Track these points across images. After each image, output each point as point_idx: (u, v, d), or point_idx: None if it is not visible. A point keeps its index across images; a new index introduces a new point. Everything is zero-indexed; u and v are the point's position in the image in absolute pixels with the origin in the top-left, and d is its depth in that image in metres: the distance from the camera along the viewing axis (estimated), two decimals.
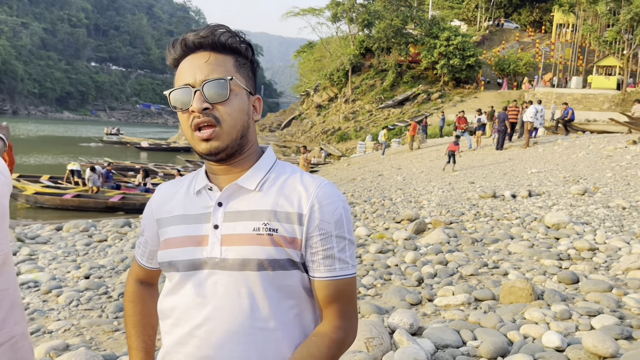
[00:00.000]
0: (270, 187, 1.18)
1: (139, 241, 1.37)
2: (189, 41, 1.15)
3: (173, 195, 1.27)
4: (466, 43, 43.26)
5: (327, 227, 1.15)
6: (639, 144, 14.23)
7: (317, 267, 1.16)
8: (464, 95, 43.60)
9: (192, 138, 1.14)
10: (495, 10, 58.66)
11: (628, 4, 34.32)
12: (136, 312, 1.37)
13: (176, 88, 1.15)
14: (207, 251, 1.15)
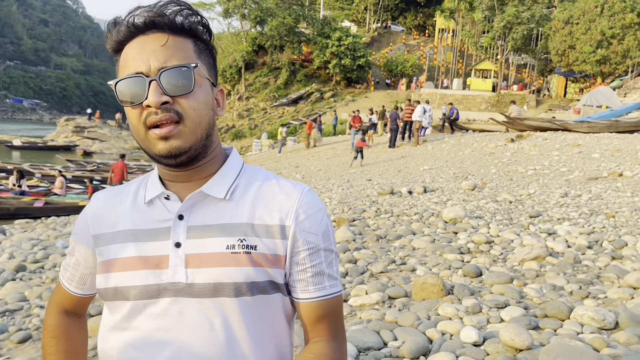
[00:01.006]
0: (243, 195, 0.99)
1: (65, 262, 1.13)
2: (139, 20, 0.92)
3: (115, 206, 1.03)
4: (357, 44, 44.58)
5: (314, 240, 0.99)
6: (516, 142, 15.45)
7: (305, 287, 0.99)
8: (355, 95, 44.91)
9: (145, 138, 0.92)
10: (383, 13, 61.11)
11: (501, 13, 37.30)
12: (60, 350, 1.10)
13: (124, 78, 0.92)
14: (167, 275, 0.94)
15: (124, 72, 0.93)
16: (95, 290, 1.11)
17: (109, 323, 1.00)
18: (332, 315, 1.02)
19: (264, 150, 32.69)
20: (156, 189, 0.99)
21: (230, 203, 0.98)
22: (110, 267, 0.98)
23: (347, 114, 36.85)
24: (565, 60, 33.03)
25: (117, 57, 0.97)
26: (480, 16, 40.90)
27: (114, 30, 0.95)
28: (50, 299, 1.17)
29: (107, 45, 0.97)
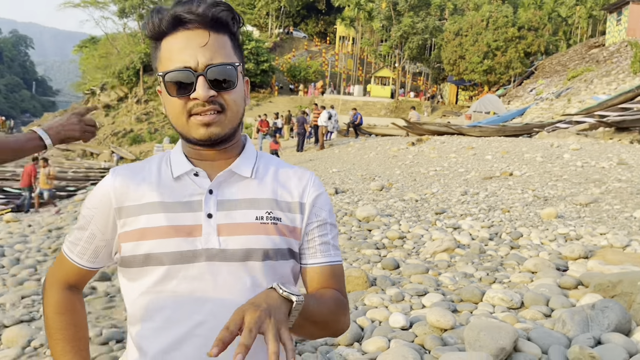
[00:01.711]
0: (264, 175, 1.13)
1: (74, 237, 1.15)
2: (184, 16, 1.01)
3: (140, 182, 1.10)
4: (260, 48, 44.61)
5: (323, 215, 1.14)
6: (417, 145, 16.36)
7: (314, 254, 1.13)
8: (259, 100, 44.91)
9: (186, 124, 1.03)
10: (285, 19, 61.66)
11: (398, 23, 39.18)
12: (69, 325, 1.15)
13: (172, 70, 1.01)
14: (201, 242, 1.04)
15: (169, 63, 1.02)
16: (103, 264, 1.17)
17: (139, 288, 1.07)
18: (337, 279, 1.15)
19: None
20: (184, 166, 1.09)
21: (253, 181, 1.11)
22: (141, 235, 1.05)
23: (252, 118, 36.83)
24: (456, 69, 35.40)
25: (156, 45, 1.05)
26: (378, 25, 42.66)
27: (157, 21, 1.02)
28: (50, 276, 1.19)
29: (147, 32, 1.05)
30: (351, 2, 44.74)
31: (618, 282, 3.92)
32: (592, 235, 6.29)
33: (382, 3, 42.40)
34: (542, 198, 8.58)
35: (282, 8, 59.24)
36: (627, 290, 3.80)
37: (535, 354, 3.11)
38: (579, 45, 35.34)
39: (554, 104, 24.70)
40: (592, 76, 26.17)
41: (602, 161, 11.00)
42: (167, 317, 1.04)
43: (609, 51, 28.70)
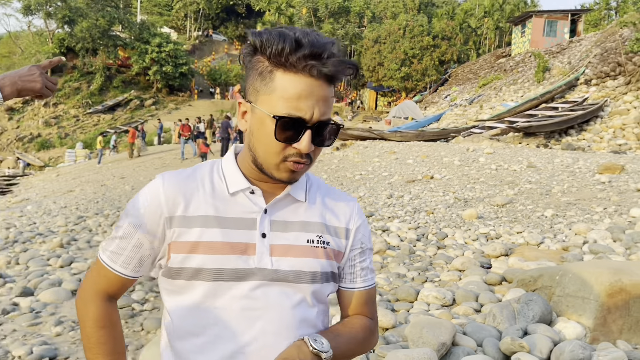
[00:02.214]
0: (314, 198, 1.16)
1: (116, 246, 1.10)
2: (320, 69, 0.97)
3: (193, 192, 1.08)
4: (178, 51, 43.53)
5: (365, 241, 1.20)
6: (341, 150, 16.68)
7: (354, 279, 1.19)
8: (178, 103, 43.80)
9: (277, 165, 1.03)
10: (204, 21, 60.56)
11: (319, 29, 39.65)
12: (109, 339, 1.12)
13: (288, 117, 0.98)
14: (254, 260, 1.06)
15: (284, 103, 0.98)
16: (146, 273, 1.14)
17: (187, 302, 1.06)
18: (371, 302, 1.22)
19: (79, 161, 30.19)
20: (241, 183, 1.09)
21: (304, 204, 1.14)
22: (194, 248, 1.04)
23: (171, 122, 35.83)
24: (375, 75, 36.43)
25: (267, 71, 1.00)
26: None
27: (287, 46, 0.97)
28: (87, 288, 1.15)
29: (267, 51, 0.99)
30: (272, 7, 44.83)
31: (538, 276, 4.25)
32: (510, 234, 6.74)
33: (303, 9, 42.83)
34: (463, 200, 9.06)
35: (200, 10, 58.16)
36: (547, 284, 4.13)
37: (471, 347, 3.32)
38: (488, 55, 37.55)
39: (468, 110, 26.09)
40: (500, 84, 27.90)
41: (514, 164, 11.78)
42: (217, 333, 1.04)
43: (515, 61, 30.72)
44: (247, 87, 1.06)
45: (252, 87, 1.04)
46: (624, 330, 3.69)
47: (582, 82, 21.04)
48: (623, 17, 23.98)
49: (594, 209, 7.65)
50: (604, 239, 6.13)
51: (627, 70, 19.80)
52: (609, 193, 8.55)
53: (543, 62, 24.64)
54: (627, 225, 6.75)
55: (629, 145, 15.76)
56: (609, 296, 3.70)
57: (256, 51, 1.03)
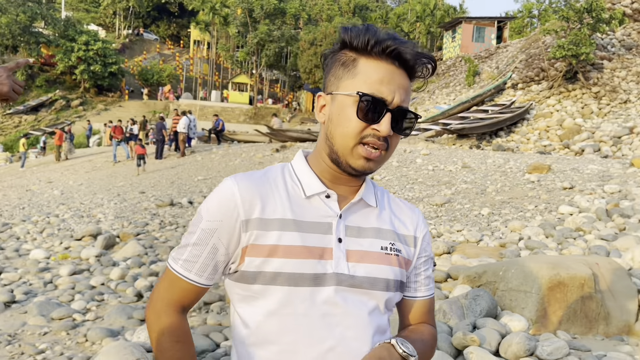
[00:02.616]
0: (382, 204, 1.15)
1: (190, 254, 1.05)
2: (405, 55, 1.02)
3: (268, 194, 1.05)
4: (107, 49, 41.88)
5: (429, 250, 1.20)
6: (281, 152, 16.64)
7: (418, 287, 1.19)
8: (107, 104, 42.17)
9: (351, 149, 1.02)
10: (134, 19, 58.64)
11: (254, 30, 39.44)
12: (186, 355, 1.06)
13: (372, 95, 1.00)
14: (331, 265, 1.03)
15: (365, 85, 1.01)
16: (218, 280, 1.10)
17: (264, 308, 1.03)
18: (432, 311, 1.23)
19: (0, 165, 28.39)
20: (316, 186, 1.08)
21: (375, 210, 1.13)
22: (272, 252, 1.01)
23: (101, 123, 34.45)
24: (312, 77, 36.59)
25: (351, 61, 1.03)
26: (234, 31, 42.53)
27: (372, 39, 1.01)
28: (159, 300, 1.08)
29: (350, 41, 1.03)
30: (206, 7, 43.97)
31: (483, 272, 4.42)
32: (451, 232, 6.96)
33: (238, 9, 42.38)
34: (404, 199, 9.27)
35: (130, 8, 56.29)
36: (491, 279, 4.30)
37: None
38: None
39: None
40: (434, 87, 28.83)
41: (450, 165, 12.19)
42: (296, 339, 1.01)
43: (446, 65, 31.83)
44: (328, 79, 1.08)
45: (334, 76, 1.06)
46: (563, 321, 3.90)
47: (510, 86, 22.11)
48: (545, 25, 25.42)
49: (526, 207, 8.05)
50: (537, 235, 6.46)
51: (550, 75, 21.01)
52: (538, 191, 9.03)
53: (473, 67, 25.69)
54: (556, 221, 7.15)
55: (552, 146, 16.72)
56: (549, 289, 3.91)
57: (343, 47, 1.06)
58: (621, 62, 20.83)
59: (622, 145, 15.39)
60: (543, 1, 27.20)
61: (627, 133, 15.90)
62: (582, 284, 3.94)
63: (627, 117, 17.56)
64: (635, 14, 23.49)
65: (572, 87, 20.04)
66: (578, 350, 3.51)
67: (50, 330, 4.11)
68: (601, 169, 10.66)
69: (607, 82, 19.83)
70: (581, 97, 19.53)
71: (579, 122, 17.81)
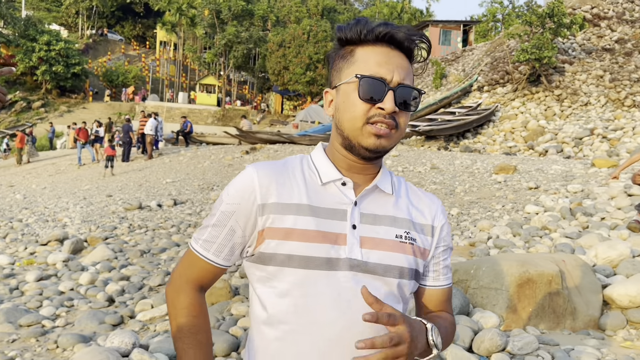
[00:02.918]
0: (399, 193, 1.17)
1: (209, 235, 1.11)
2: (397, 36, 1.06)
3: (285, 181, 1.10)
4: (70, 50, 40.85)
5: (448, 240, 1.21)
6: (251, 154, 16.56)
7: (437, 277, 1.20)
8: (71, 105, 41.15)
9: (360, 128, 1.06)
10: (98, 19, 57.42)
11: (222, 31, 39.13)
12: (201, 330, 1.11)
13: (371, 77, 1.04)
14: (345, 251, 1.06)
15: (363, 69, 1.05)
16: (235, 262, 1.14)
17: (276, 289, 1.06)
18: (450, 300, 1.25)
19: None
20: (332, 174, 1.11)
21: (392, 198, 1.15)
22: (287, 235, 1.05)
23: (64, 125, 33.59)
24: (280, 79, 36.54)
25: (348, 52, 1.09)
26: (201, 32, 42.10)
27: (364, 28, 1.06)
28: (178, 277, 1.14)
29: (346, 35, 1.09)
30: (172, 7, 43.41)
31: (454, 271, 4.50)
32: None
33: (205, 10, 41.97)
34: None
35: (94, 8, 55.09)
36: (462, 277, 4.39)
37: None
38: None
39: None
40: None
41: (419, 166, 12.37)
42: (309, 320, 1.04)
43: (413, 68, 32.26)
44: (331, 75, 1.13)
45: (336, 70, 1.11)
46: (532, 317, 4.01)
47: (476, 88, 22.56)
48: (509, 29, 26.04)
49: (494, 207, 8.23)
50: (505, 234, 6.62)
51: (514, 78, 21.52)
52: (505, 192, 9.24)
53: (440, 70, 26.10)
54: (523, 220, 7.34)
55: (518, 147, 17.13)
56: (519, 286, 4.02)
57: (341, 44, 1.11)
58: (582, 65, 21.51)
59: (583, 147, 15.89)
60: (507, 6, 27.90)
61: (587, 134, 16.43)
62: (549, 280, 4.07)
63: (588, 119, 18.13)
64: (595, 19, 24.29)
65: (535, 90, 20.58)
66: (547, 344, 3.62)
67: (19, 337, 4.00)
68: (564, 169, 10.99)
69: (568, 85, 20.45)
70: (544, 100, 20.07)
71: (543, 124, 18.30)
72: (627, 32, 23.45)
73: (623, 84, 19.64)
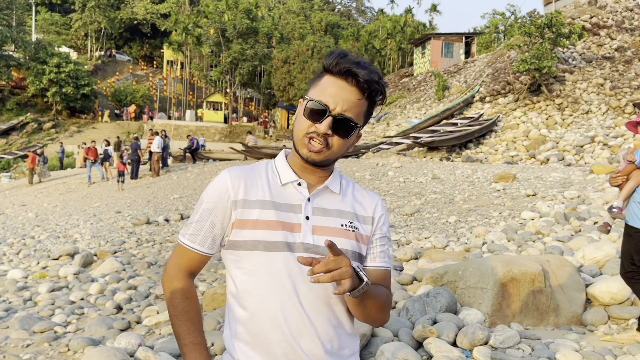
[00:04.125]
0: (346, 192, 1.43)
1: (194, 229, 1.35)
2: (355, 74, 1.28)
3: (253, 181, 1.36)
4: (79, 71, 41.61)
5: (384, 229, 1.46)
6: None
7: (374, 258, 1.43)
8: (81, 126, 41.80)
9: (300, 140, 1.32)
10: (107, 41, 58.47)
11: (227, 49, 39.76)
12: (192, 309, 1.37)
13: (316, 101, 1.29)
14: (299, 237, 1.31)
15: (319, 93, 1.30)
16: (217, 250, 1.39)
17: (245, 269, 1.31)
18: (388, 281, 1.46)
19: None
20: (290, 176, 1.37)
21: (339, 196, 1.41)
22: (254, 225, 1.30)
23: (74, 145, 34.14)
24: (286, 95, 37.00)
25: (321, 75, 1.33)
26: (207, 51, 42.76)
27: (334, 60, 1.30)
28: (172, 266, 1.39)
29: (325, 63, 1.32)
30: (178, 27, 44.21)
31: (444, 273, 4.72)
32: (419, 239, 7.28)
33: (210, 29, 42.68)
34: None
35: (102, 30, 56.15)
36: (451, 279, 4.60)
37: (388, 337, 3.67)
38: (392, 75, 39.47)
39: (375, 127, 27.26)
40: (405, 102, 29.46)
41: (420, 177, 12.58)
42: (272, 292, 1.29)
43: (417, 80, 32.59)
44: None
45: (309, 87, 1.37)
46: (517, 314, 4.22)
47: (478, 99, 22.79)
48: (510, 40, 26.33)
49: (491, 214, 8.43)
50: (500, 239, 6.81)
51: (515, 88, 21.75)
52: (503, 199, 9.43)
53: (442, 81, 26.38)
54: (519, 226, 7.53)
55: (519, 156, 17.31)
56: (502, 285, 4.22)
57: (323, 68, 1.34)
58: (582, 74, 21.70)
59: (584, 154, 16.04)
60: (508, 17, 28.18)
61: (588, 142, 16.58)
62: (532, 279, 4.27)
63: (589, 127, 18.28)
64: (594, 28, 24.53)
65: (536, 99, 20.78)
66: (529, 339, 3.82)
67: (33, 342, 4.26)
68: (563, 177, 11.16)
69: (569, 93, 20.64)
70: (545, 109, 20.26)
71: (544, 133, 18.47)
72: (626, 40, 23.66)
73: (623, 92, 19.81)
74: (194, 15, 46.18)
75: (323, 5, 67.76)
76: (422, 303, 4.22)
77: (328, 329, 1.33)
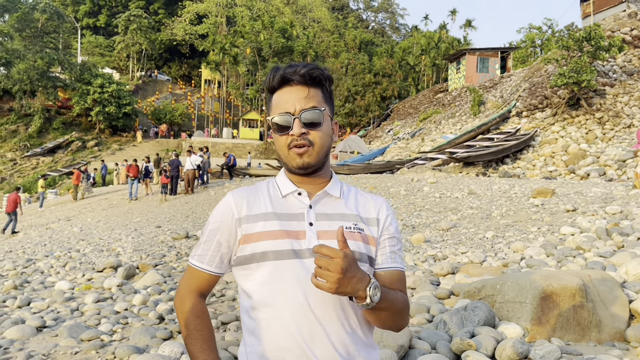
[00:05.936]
0: (347, 196, 1.46)
1: (202, 250, 1.41)
2: (288, 77, 1.37)
3: (255, 198, 1.41)
4: (121, 91, 43.07)
5: (392, 230, 1.46)
6: None
7: (385, 259, 1.42)
8: (122, 144, 43.10)
9: (287, 155, 1.37)
10: (147, 61, 60.38)
11: (263, 68, 40.48)
12: (205, 327, 1.40)
13: (278, 115, 1.36)
14: (305, 243, 1.34)
15: (276, 110, 1.37)
16: (226, 270, 1.43)
17: (257, 280, 1.34)
18: (402, 282, 1.44)
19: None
20: (289, 187, 1.41)
21: (341, 200, 1.44)
22: (259, 237, 1.34)
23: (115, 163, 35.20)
24: None
25: (270, 97, 1.41)
26: (244, 70, 43.71)
27: (272, 80, 1.38)
28: (183, 286, 1.44)
29: (266, 86, 1.41)
30: (216, 47, 45.35)
31: (482, 287, 4.70)
32: (455, 254, 7.24)
33: (247, 49, 43.61)
34: (410, 226, 9.56)
35: (143, 51, 58.06)
36: (489, 293, 4.58)
37: (426, 349, 3.68)
38: (427, 90, 39.39)
39: (410, 143, 27.18)
40: (440, 118, 29.30)
41: (456, 192, 12.49)
42: (285, 298, 1.31)
43: (452, 95, 32.42)
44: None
45: (267, 114, 1.45)
46: (557, 329, 4.16)
47: (514, 114, 22.50)
48: (547, 54, 25.97)
49: (529, 229, 8.31)
50: (539, 255, 6.71)
51: (553, 102, 21.39)
52: (542, 214, 9.28)
53: (478, 97, 26.17)
54: (558, 242, 7.40)
55: (558, 171, 16.97)
56: (542, 299, 4.18)
57: (268, 93, 1.44)
58: (623, 87, 21.20)
59: (626, 169, 15.60)
60: (545, 31, 27.82)
61: (631, 157, 16.14)
62: (573, 294, 4.21)
63: (632, 141, 17.80)
64: (635, 40, 23.97)
65: (575, 114, 20.38)
66: (570, 354, 3.77)
67: (81, 350, 4.44)
68: (604, 192, 10.90)
69: (610, 107, 20.17)
70: (585, 123, 19.84)
71: (584, 147, 18.08)
72: None
73: None
74: (231, 36, 47.33)
75: (357, 23, 68.36)
76: (460, 316, 4.21)
77: (342, 334, 1.32)
